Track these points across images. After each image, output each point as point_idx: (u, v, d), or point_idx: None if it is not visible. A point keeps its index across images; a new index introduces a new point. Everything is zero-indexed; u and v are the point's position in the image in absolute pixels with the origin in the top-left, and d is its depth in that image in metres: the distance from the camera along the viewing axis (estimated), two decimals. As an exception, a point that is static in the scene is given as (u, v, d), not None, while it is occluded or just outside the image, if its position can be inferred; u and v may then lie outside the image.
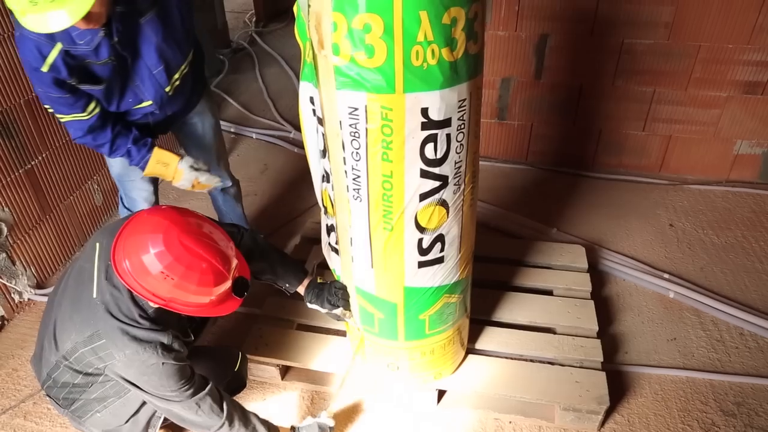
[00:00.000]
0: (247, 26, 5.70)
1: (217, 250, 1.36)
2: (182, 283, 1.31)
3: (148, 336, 1.40)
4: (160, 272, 1.30)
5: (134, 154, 1.88)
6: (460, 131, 1.38)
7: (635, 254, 2.64)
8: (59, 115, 1.75)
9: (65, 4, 1.33)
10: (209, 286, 1.34)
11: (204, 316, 1.68)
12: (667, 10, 2.72)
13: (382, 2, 1.15)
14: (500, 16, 2.88)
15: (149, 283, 1.32)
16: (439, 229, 1.50)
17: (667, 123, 3.04)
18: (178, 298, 1.35)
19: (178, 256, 1.29)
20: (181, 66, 1.84)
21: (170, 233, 1.30)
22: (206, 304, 1.40)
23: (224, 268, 1.35)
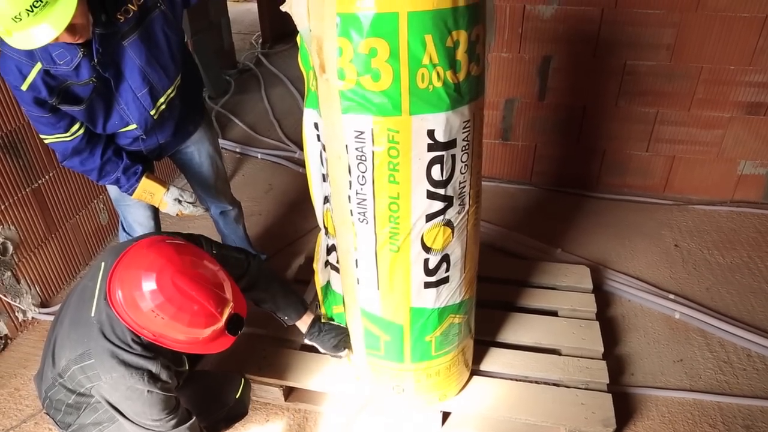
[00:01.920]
0: (254, 47, 5.77)
1: (211, 291, 1.35)
2: (172, 323, 1.31)
3: (137, 362, 1.40)
4: (151, 310, 1.30)
5: (123, 182, 1.91)
6: (464, 152, 1.39)
7: (640, 275, 2.63)
8: (43, 136, 1.76)
9: (46, 16, 1.35)
10: (200, 327, 1.34)
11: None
12: (668, 32, 2.75)
13: (387, 27, 1.17)
14: (504, 38, 2.91)
15: (139, 318, 1.33)
16: (444, 249, 1.51)
17: (670, 143, 3.05)
18: (168, 335, 1.35)
19: (169, 297, 1.29)
20: (167, 90, 1.84)
21: (164, 273, 1.30)
22: (196, 342, 1.39)
23: (216, 311, 1.35)
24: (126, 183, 1.91)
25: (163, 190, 1.95)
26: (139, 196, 1.95)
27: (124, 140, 1.90)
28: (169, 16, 1.72)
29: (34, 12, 1.32)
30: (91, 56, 1.59)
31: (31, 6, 1.31)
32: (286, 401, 2.05)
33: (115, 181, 1.90)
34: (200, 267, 1.37)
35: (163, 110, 1.85)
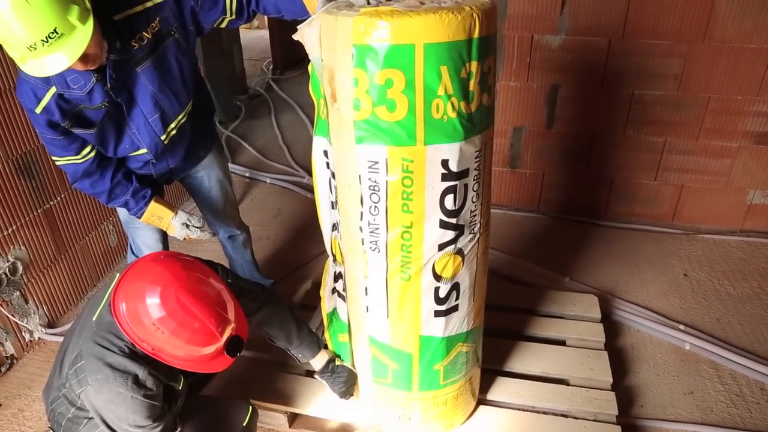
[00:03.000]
0: (265, 73, 5.85)
1: (214, 310, 1.35)
2: (172, 338, 1.32)
3: (124, 365, 1.39)
4: (152, 324, 1.30)
5: (132, 206, 1.93)
6: (476, 181, 1.40)
7: (649, 304, 2.61)
8: (54, 158, 1.79)
9: (61, 47, 1.38)
10: (198, 345, 1.35)
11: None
12: (675, 62, 2.77)
13: (403, 58, 1.19)
14: (512, 67, 2.94)
15: (140, 330, 1.33)
16: (455, 278, 1.51)
17: (678, 172, 3.06)
18: (166, 350, 1.35)
19: (172, 312, 1.30)
20: (178, 116, 1.85)
21: (169, 287, 1.31)
22: (194, 359, 1.39)
23: (217, 330, 1.34)
24: (135, 206, 1.92)
25: (172, 214, 1.97)
26: (147, 219, 1.96)
27: (135, 164, 1.92)
28: (183, 43, 1.74)
29: (48, 42, 1.35)
30: (104, 81, 1.62)
31: (46, 37, 1.34)
32: (291, 427, 2.03)
33: (124, 204, 1.92)
34: (205, 284, 1.38)
35: (173, 135, 1.87)
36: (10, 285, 2.33)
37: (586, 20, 2.76)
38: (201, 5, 1.67)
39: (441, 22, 1.17)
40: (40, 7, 1.31)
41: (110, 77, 1.61)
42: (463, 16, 1.19)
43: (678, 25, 2.69)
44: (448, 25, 1.18)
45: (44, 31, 1.33)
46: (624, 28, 2.74)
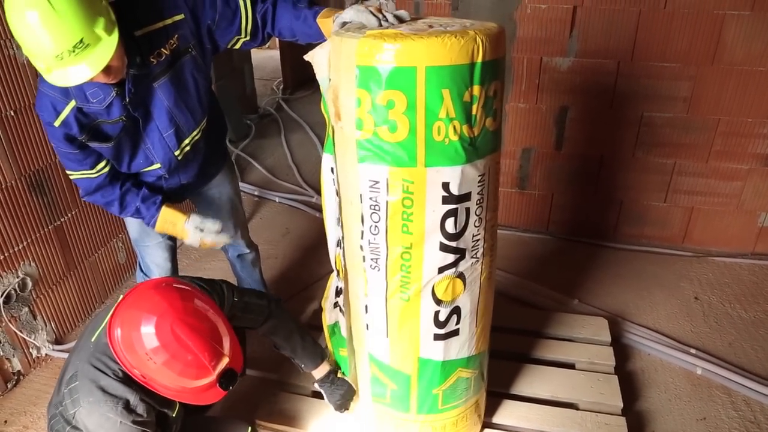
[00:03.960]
0: (275, 93, 5.92)
1: (209, 344, 1.34)
2: (163, 369, 1.31)
3: (115, 389, 1.38)
4: (145, 353, 1.30)
5: (144, 212, 1.90)
6: (479, 205, 1.40)
7: (660, 328, 2.58)
8: (69, 171, 1.80)
9: (86, 57, 1.40)
10: (190, 378, 1.34)
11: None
12: (684, 85, 2.77)
13: (405, 80, 1.20)
14: (521, 89, 2.95)
15: (133, 358, 1.33)
16: (455, 302, 1.49)
17: (688, 194, 3.03)
18: (157, 380, 1.35)
19: (165, 343, 1.30)
20: (193, 132, 1.87)
21: (164, 318, 1.30)
22: (185, 391, 1.38)
23: (210, 363, 1.34)
24: (146, 213, 1.90)
25: (184, 218, 1.91)
26: (161, 227, 1.92)
27: (148, 179, 1.93)
28: (199, 61, 1.77)
29: (75, 52, 1.38)
30: (123, 96, 1.64)
31: (73, 47, 1.37)
32: (295, 449, 2.01)
33: (135, 211, 1.89)
34: (202, 317, 1.37)
35: (187, 152, 1.89)
36: (19, 301, 2.35)
37: (594, 43, 2.77)
38: (217, 24, 1.70)
39: (443, 45, 1.18)
40: (68, 18, 1.34)
41: (129, 91, 1.64)
42: (466, 40, 1.20)
43: (686, 48, 2.69)
44: (450, 48, 1.19)
45: (71, 41, 1.36)
46: (633, 51, 2.75)
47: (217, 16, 1.68)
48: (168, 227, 1.93)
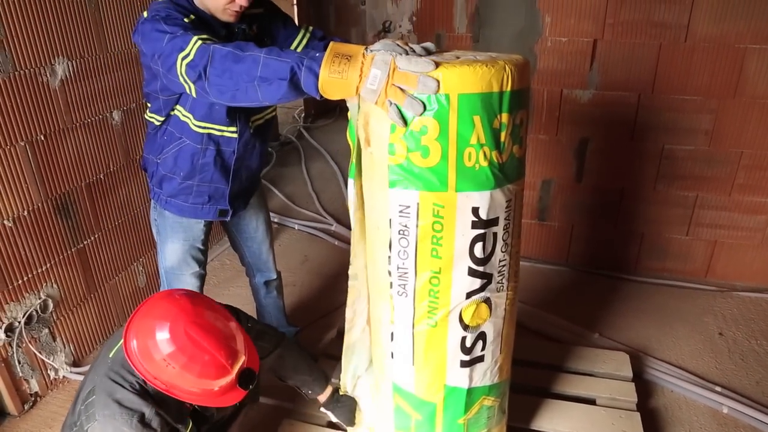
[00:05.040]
0: (296, 121, 6.00)
1: (223, 343, 1.35)
2: (183, 372, 1.32)
3: (132, 402, 1.37)
4: (163, 359, 1.31)
5: (299, 62, 1.30)
6: (506, 231, 1.40)
7: (683, 364, 2.52)
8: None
9: None
10: (210, 379, 1.34)
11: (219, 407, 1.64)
12: (706, 118, 2.77)
13: (439, 108, 1.22)
14: (541, 121, 2.97)
15: (152, 367, 1.33)
16: (481, 327, 1.48)
17: (711, 228, 3.00)
18: (179, 386, 1.35)
19: (181, 347, 1.31)
20: (264, 111, 1.89)
21: (177, 322, 1.32)
22: (207, 394, 1.38)
23: (228, 362, 1.35)
24: (309, 58, 1.30)
25: (362, 47, 1.29)
26: (329, 71, 1.26)
27: (222, 143, 1.84)
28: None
29: None
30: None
31: None
32: (312, 480, 1.98)
33: (296, 65, 1.30)
34: (214, 318, 1.39)
35: (258, 126, 1.88)
36: (39, 322, 2.36)
37: (615, 76, 2.79)
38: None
39: (475, 74, 1.21)
40: None
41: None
42: (496, 69, 1.23)
43: (708, 81, 2.70)
44: (482, 77, 1.21)
45: None
46: (653, 84, 2.77)
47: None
48: (338, 70, 1.26)
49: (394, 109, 1.22)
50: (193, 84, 1.46)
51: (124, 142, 2.72)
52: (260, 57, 1.33)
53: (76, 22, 2.37)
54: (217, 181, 1.90)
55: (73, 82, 2.38)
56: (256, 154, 1.97)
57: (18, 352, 2.27)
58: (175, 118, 1.80)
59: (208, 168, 1.86)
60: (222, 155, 1.86)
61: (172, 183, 1.90)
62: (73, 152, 2.43)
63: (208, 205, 1.95)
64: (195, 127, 1.78)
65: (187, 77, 1.45)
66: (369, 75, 1.22)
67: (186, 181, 1.88)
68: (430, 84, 1.19)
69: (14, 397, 2.28)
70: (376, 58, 1.22)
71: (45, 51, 2.24)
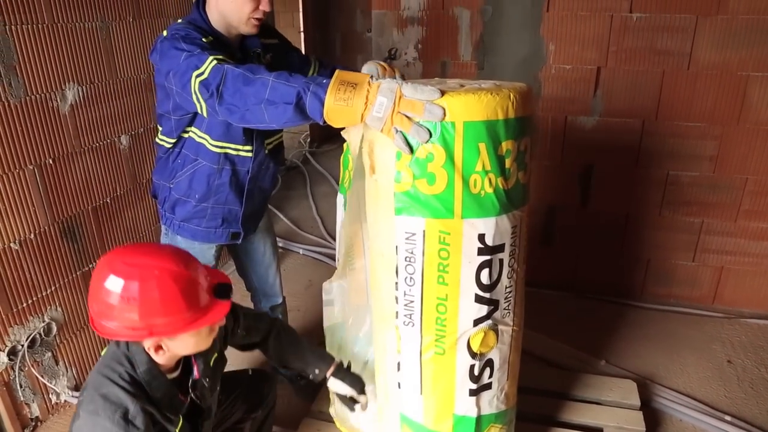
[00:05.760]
0: (302, 146, 6.05)
1: (169, 255, 1.26)
2: (145, 300, 1.21)
3: (117, 396, 1.27)
4: (119, 300, 1.21)
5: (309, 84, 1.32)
6: (512, 257, 1.40)
7: (692, 392, 2.49)
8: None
9: None
10: (176, 294, 1.23)
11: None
12: (710, 144, 2.78)
13: (445, 135, 1.23)
14: (546, 147, 2.99)
15: (120, 319, 1.23)
16: (489, 354, 1.47)
17: (718, 254, 2.99)
18: (156, 323, 1.23)
19: (127, 275, 1.21)
20: (275, 135, 1.92)
21: (113, 260, 1.24)
22: (189, 318, 1.25)
23: (183, 268, 1.25)
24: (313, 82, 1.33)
25: (367, 76, 1.30)
26: (334, 98, 1.27)
27: (238, 162, 1.86)
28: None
29: None
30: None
31: None
32: None
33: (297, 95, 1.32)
34: (145, 245, 1.32)
35: (270, 149, 1.91)
36: (42, 345, 2.35)
37: (619, 102, 2.81)
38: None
39: (480, 101, 1.23)
40: None
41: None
42: (501, 96, 1.25)
43: (711, 108, 2.72)
44: (487, 104, 1.23)
45: None
46: (657, 110, 2.78)
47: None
48: (340, 102, 1.27)
49: (400, 137, 1.24)
50: (204, 102, 1.48)
51: (131, 166, 2.75)
52: (269, 80, 1.36)
53: (88, 49, 2.41)
54: (231, 203, 1.91)
55: (82, 107, 2.41)
56: (269, 176, 1.99)
57: (20, 375, 2.25)
58: (190, 140, 1.82)
59: (223, 189, 1.88)
60: (237, 175, 1.87)
61: (186, 206, 1.91)
62: (80, 176, 2.45)
63: (221, 229, 1.96)
64: (212, 146, 1.80)
65: (200, 95, 1.48)
66: (375, 103, 1.23)
67: (200, 204, 1.89)
68: (437, 111, 1.21)
69: (14, 421, 2.26)
70: (382, 86, 1.24)
71: (56, 77, 2.27)
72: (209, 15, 1.72)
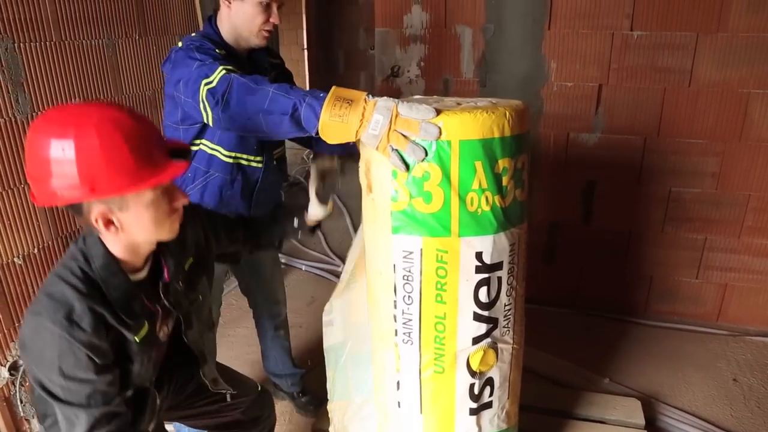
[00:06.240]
0: (304, 162, 6.07)
1: (113, 105, 1.09)
2: (83, 148, 1.02)
3: (62, 294, 1.11)
4: (55, 151, 1.03)
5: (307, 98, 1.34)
6: (510, 275, 1.40)
7: (697, 411, 2.46)
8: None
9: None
10: (118, 141, 1.04)
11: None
12: (712, 161, 2.78)
13: (441, 153, 1.24)
14: (548, 163, 2.99)
15: (57, 176, 1.05)
16: (488, 372, 1.47)
17: (721, 271, 2.97)
18: (97, 177, 1.04)
19: (60, 121, 1.05)
20: (281, 147, 1.96)
21: (48, 113, 1.09)
22: (135, 174, 1.06)
23: (126, 115, 1.07)
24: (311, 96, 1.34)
25: (364, 93, 1.30)
26: (329, 113, 1.28)
27: (248, 171, 1.88)
28: None
29: None
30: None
31: None
32: None
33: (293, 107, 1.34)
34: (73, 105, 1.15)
35: (278, 159, 1.96)
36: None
37: (620, 120, 2.82)
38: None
39: (476, 120, 1.23)
40: None
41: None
42: (497, 115, 1.25)
43: (713, 125, 2.72)
44: (483, 123, 1.24)
45: None
46: (659, 127, 2.79)
47: None
48: (336, 117, 1.28)
49: (395, 155, 1.25)
50: (211, 110, 1.52)
51: (135, 183, 2.77)
52: (270, 91, 1.39)
53: (94, 66, 2.44)
54: (240, 210, 1.93)
55: (87, 124, 2.44)
56: (275, 188, 2.02)
57: (20, 391, 2.25)
58: (201, 152, 1.84)
59: (234, 200, 1.90)
60: (249, 185, 1.90)
61: None
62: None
63: None
64: (225, 157, 1.83)
65: (207, 102, 1.51)
66: (371, 120, 1.23)
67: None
68: (432, 130, 1.22)
69: (15, 438, 2.26)
70: (379, 104, 1.25)
71: (63, 93, 2.30)
72: (221, 28, 1.79)
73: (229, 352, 2.87)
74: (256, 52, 1.86)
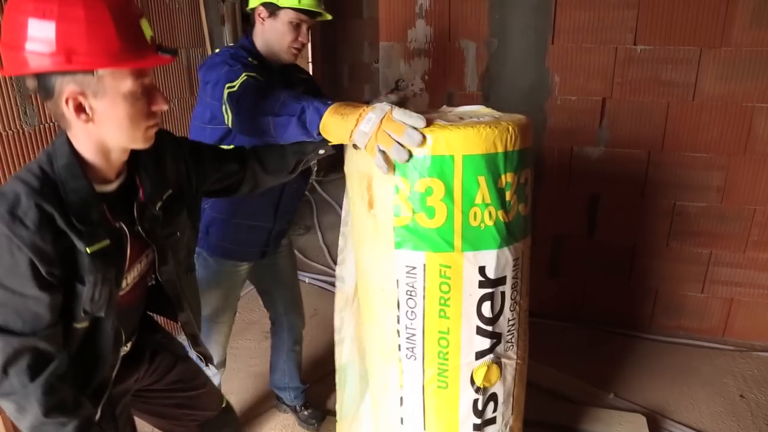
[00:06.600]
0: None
1: None
2: (65, 12, 0.95)
3: (11, 190, 1.00)
4: (35, 11, 0.95)
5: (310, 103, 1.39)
6: (514, 289, 1.39)
7: (703, 428, 2.43)
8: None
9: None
10: (103, 12, 0.96)
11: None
12: (717, 174, 2.77)
13: (444, 168, 1.24)
14: (552, 177, 2.99)
15: (32, 40, 0.96)
16: (492, 388, 1.45)
17: (727, 285, 2.95)
18: (75, 46, 0.96)
19: None
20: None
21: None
22: (116, 51, 0.98)
23: None
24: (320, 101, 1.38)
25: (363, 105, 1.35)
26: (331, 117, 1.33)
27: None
28: None
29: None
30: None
31: None
32: None
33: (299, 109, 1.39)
34: None
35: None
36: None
37: (624, 133, 2.82)
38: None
39: (479, 135, 1.23)
40: None
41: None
42: (500, 129, 1.26)
43: (717, 138, 2.72)
44: (486, 138, 1.24)
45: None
46: (663, 141, 2.79)
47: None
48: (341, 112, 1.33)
49: (380, 155, 1.27)
50: (231, 113, 1.60)
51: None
52: (281, 96, 1.45)
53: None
54: (265, 219, 1.98)
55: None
56: (297, 192, 2.05)
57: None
58: None
59: (257, 203, 1.92)
60: (273, 190, 1.90)
61: (222, 225, 1.94)
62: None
63: (253, 247, 2.01)
64: None
65: (228, 104, 1.59)
66: (365, 118, 1.26)
67: (234, 220, 1.94)
68: (415, 137, 1.23)
69: (16, 447, 2.25)
70: (376, 105, 1.29)
71: (68, 107, 2.32)
72: (256, 42, 1.89)
73: (233, 365, 2.86)
74: (287, 67, 1.95)
